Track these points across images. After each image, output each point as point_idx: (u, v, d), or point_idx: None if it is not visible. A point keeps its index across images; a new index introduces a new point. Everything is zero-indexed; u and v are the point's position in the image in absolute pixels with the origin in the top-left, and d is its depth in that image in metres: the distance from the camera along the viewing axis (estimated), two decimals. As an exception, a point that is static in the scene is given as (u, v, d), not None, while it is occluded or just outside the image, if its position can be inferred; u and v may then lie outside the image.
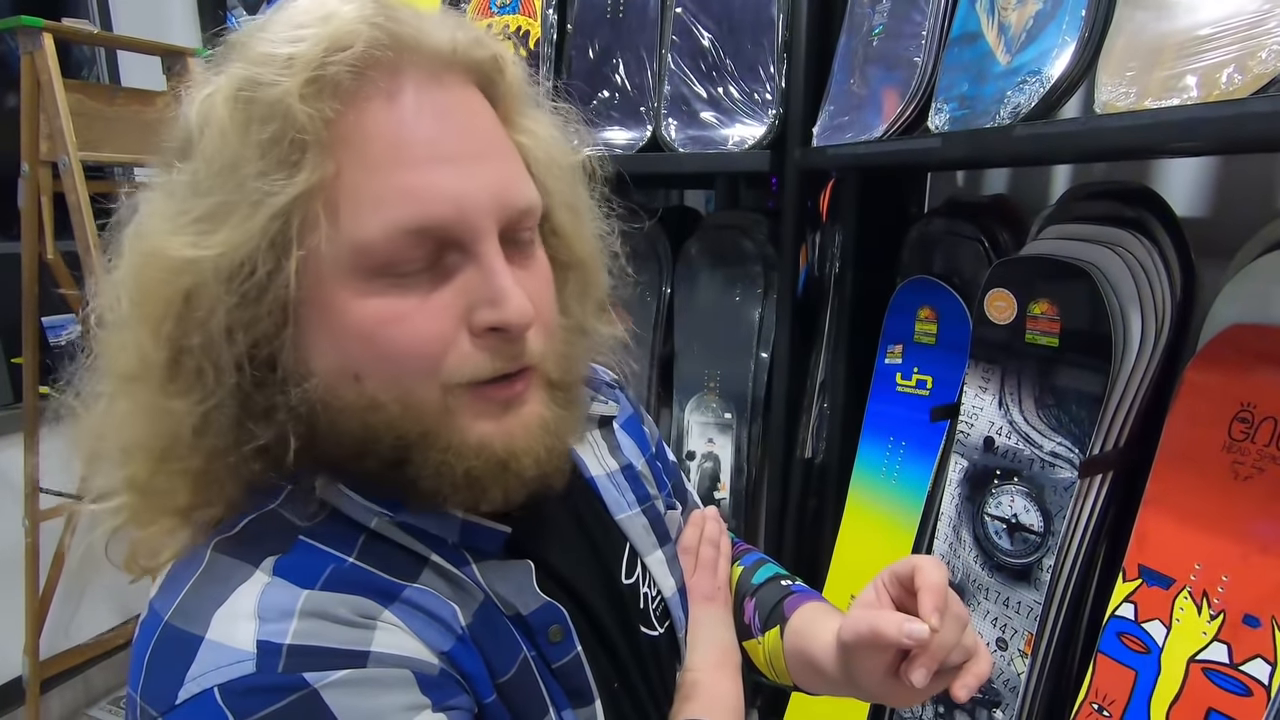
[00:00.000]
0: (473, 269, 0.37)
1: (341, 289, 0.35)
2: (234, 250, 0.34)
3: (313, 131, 0.34)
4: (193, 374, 0.36)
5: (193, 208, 0.35)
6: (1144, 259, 0.93)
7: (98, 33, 1.66)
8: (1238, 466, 0.83)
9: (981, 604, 1.06)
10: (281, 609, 0.34)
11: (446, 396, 0.37)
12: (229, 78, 0.35)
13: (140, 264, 0.36)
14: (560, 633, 0.42)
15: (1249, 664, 0.78)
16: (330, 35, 0.35)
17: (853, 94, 1.19)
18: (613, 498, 0.52)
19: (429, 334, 0.36)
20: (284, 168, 0.34)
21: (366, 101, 0.35)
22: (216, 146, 0.34)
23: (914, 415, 1.23)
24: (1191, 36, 0.74)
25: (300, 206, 0.34)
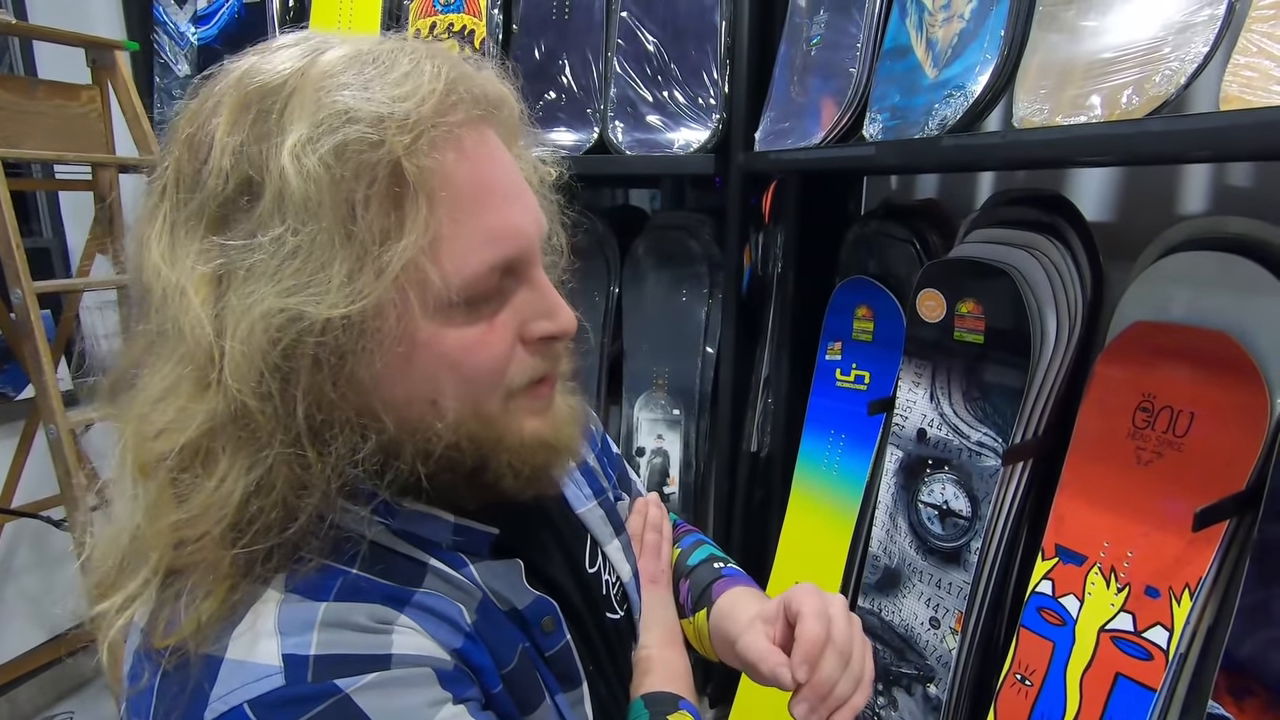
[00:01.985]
0: (525, 289, 0.41)
1: (432, 327, 0.37)
2: (369, 305, 0.35)
3: (414, 186, 0.35)
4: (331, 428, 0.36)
5: (307, 269, 0.34)
6: (1059, 262, 1.00)
7: (15, 22, 1.57)
8: (1140, 452, 0.90)
9: (916, 586, 1.12)
10: (302, 622, 0.35)
11: (507, 402, 0.41)
12: (313, 129, 0.35)
13: (265, 330, 0.34)
14: (552, 623, 0.45)
15: (1150, 631, 0.86)
16: (432, 95, 0.36)
17: (793, 101, 1.24)
18: (572, 492, 0.56)
19: (499, 353, 0.40)
20: (395, 223, 0.35)
21: (443, 154, 0.37)
22: (320, 205, 0.34)
23: (853, 409, 1.29)
24: (1097, 59, 0.80)
25: (413, 261, 0.36)
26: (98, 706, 1.93)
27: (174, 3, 1.90)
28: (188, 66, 1.91)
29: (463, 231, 0.37)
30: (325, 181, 0.34)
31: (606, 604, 0.54)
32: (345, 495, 0.39)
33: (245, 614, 0.36)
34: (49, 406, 1.32)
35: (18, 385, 1.82)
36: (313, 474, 0.36)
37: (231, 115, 0.36)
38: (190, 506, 0.36)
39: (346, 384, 0.36)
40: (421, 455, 0.39)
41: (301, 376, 0.35)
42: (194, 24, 1.87)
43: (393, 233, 0.35)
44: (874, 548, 1.20)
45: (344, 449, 0.37)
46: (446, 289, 0.37)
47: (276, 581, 0.37)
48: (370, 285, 0.35)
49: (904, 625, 1.14)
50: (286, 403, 0.35)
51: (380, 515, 0.41)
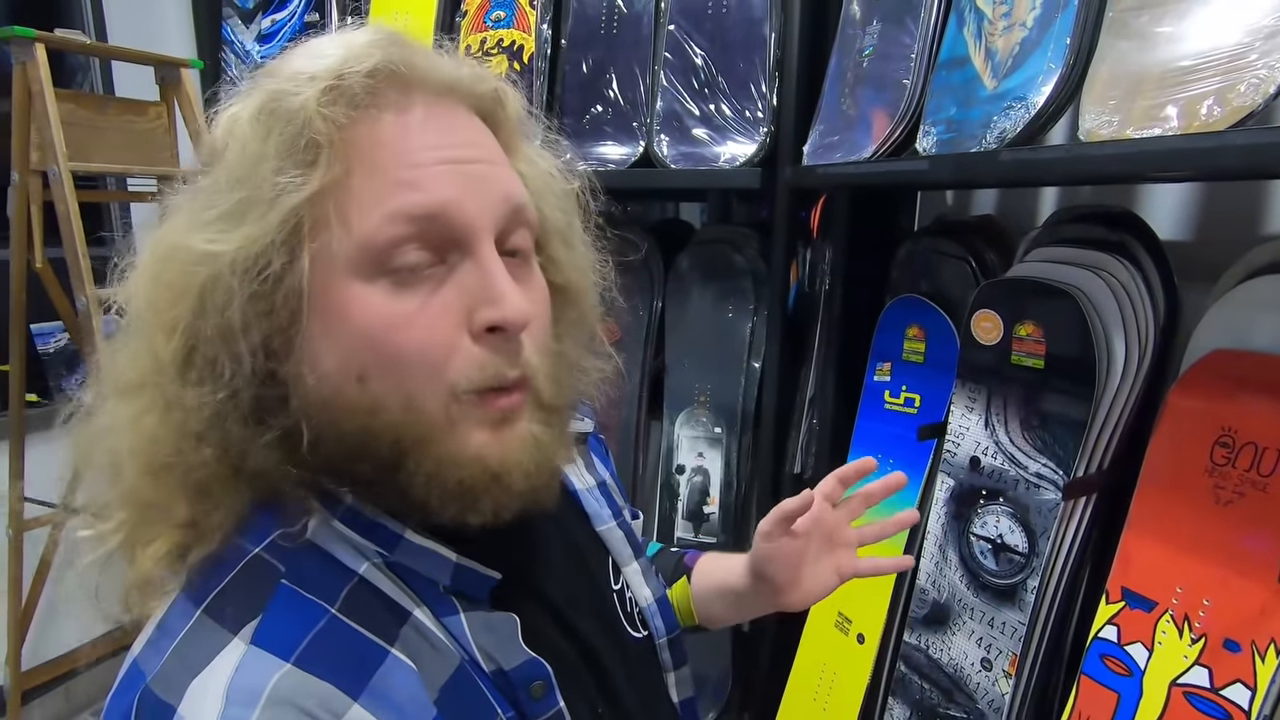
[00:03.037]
0: (471, 269, 0.38)
1: (347, 288, 0.37)
2: (250, 244, 0.35)
3: (326, 135, 0.36)
4: (206, 366, 0.37)
5: (213, 207, 0.37)
6: (1127, 283, 0.94)
7: (91, 43, 1.66)
8: (1219, 491, 0.83)
9: (966, 624, 1.06)
10: (250, 692, 0.34)
11: (451, 404, 0.38)
12: (254, 95, 0.38)
13: (161, 262, 0.37)
14: (542, 689, 0.42)
15: (1229, 688, 0.78)
16: (347, 54, 0.38)
17: (843, 114, 1.20)
18: (594, 510, 0.54)
19: (432, 337, 0.37)
20: (299, 168, 0.36)
21: (379, 114, 0.38)
22: (238, 153, 0.37)
23: (902, 433, 1.24)
24: (1173, 68, 0.75)
25: (313, 205, 0.36)
26: (148, 700, 1.99)
27: (241, 23, 1.98)
28: (251, 83, 1.99)
29: (376, 183, 0.37)
30: (242, 131, 0.37)
31: (630, 622, 0.52)
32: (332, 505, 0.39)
33: (213, 658, 0.35)
34: (108, 409, 1.37)
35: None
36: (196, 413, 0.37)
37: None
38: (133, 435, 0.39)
39: (235, 327, 0.36)
40: (335, 430, 0.38)
41: (183, 313, 0.37)
42: (259, 43, 1.94)
43: (298, 181, 0.36)
44: (922, 580, 1.14)
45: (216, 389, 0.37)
46: (346, 240, 0.36)
47: (246, 631, 0.36)
48: (255, 223, 0.36)
49: (953, 665, 1.07)
50: (173, 340, 0.37)
51: (380, 544, 0.40)
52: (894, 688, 1.16)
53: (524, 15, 1.57)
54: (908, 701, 1.13)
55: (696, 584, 0.66)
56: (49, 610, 1.86)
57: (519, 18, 1.57)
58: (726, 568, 0.66)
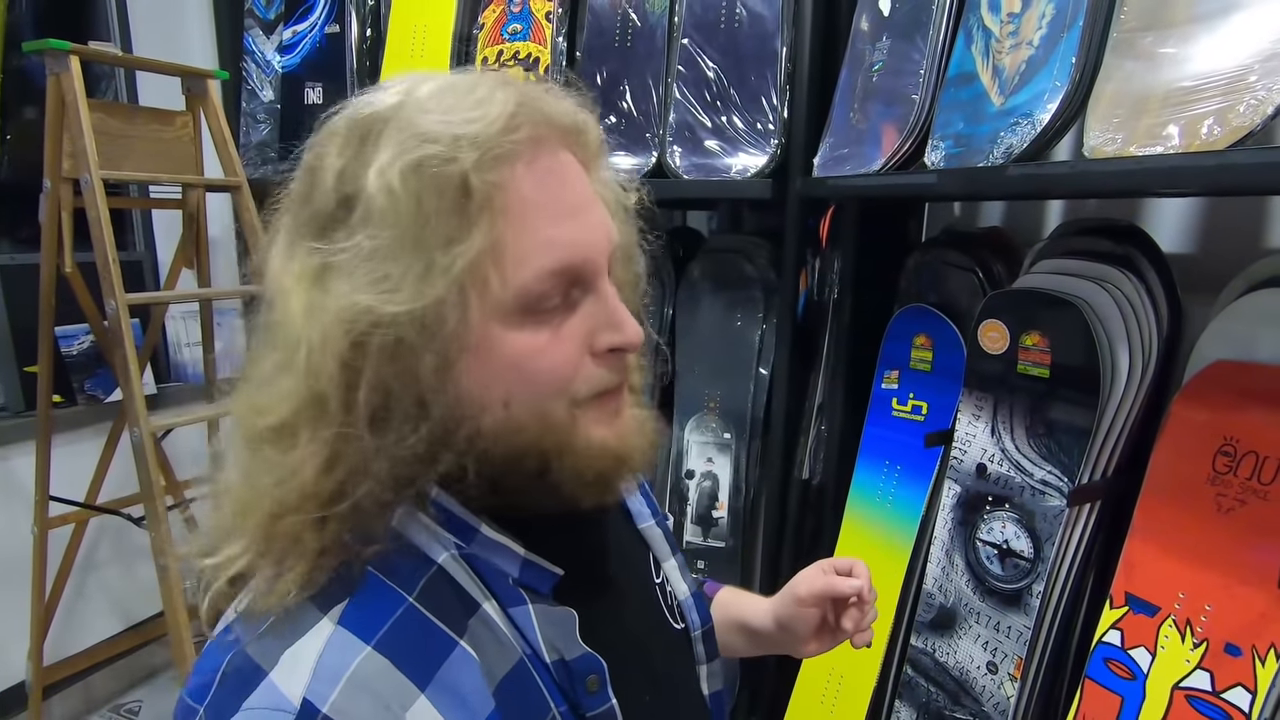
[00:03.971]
0: (592, 301, 0.43)
1: (497, 328, 0.41)
2: (434, 305, 0.39)
3: (482, 198, 0.39)
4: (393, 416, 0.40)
5: (384, 270, 0.39)
6: (1132, 295, 0.96)
7: (122, 55, 1.70)
8: (1221, 499, 0.85)
9: (972, 628, 1.08)
10: (334, 669, 0.38)
11: (573, 410, 0.43)
12: (398, 151, 0.40)
13: (335, 324, 0.39)
14: (597, 683, 0.45)
15: (1230, 692, 0.80)
16: (489, 113, 0.40)
17: (853, 127, 1.23)
18: (637, 509, 0.59)
19: (563, 359, 0.42)
20: (464, 231, 0.39)
21: (514, 166, 0.41)
22: (396, 214, 0.39)
23: (909, 440, 1.26)
24: (1175, 88, 0.77)
25: (475, 264, 0.39)
26: (165, 697, 2.03)
27: (262, 33, 2.02)
28: (271, 93, 2.03)
29: (524, 239, 0.40)
30: (401, 194, 0.39)
31: (671, 614, 0.56)
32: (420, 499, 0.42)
33: (304, 633, 0.39)
34: (134, 411, 1.41)
35: (107, 389, 1.95)
36: (368, 455, 0.40)
37: (340, 143, 0.42)
38: (277, 476, 0.40)
39: (410, 377, 0.40)
40: (485, 453, 0.42)
41: (366, 367, 0.39)
42: (279, 53, 1.98)
43: (458, 239, 0.39)
44: (929, 584, 1.16)
45: (395, 435, 0.40)
46: (504, 291, 0.40)
47: (334, 611, 0.40)
48: (433, 285, 0.39)
49: (959, 668, 1.09)
50: (351, 390, 0.39)
51: (458, 535, 0.44)
52: (900, 691, 1.18)
53: (540, 28, 1.60)
54: (914, 704, 1.15)
55: (715, 614, 0.68)
56: (70, 607, 1.90)
57: (535, 30, 1.61)
58: (750, 607, 0.70)
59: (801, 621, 0.65)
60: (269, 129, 2.04)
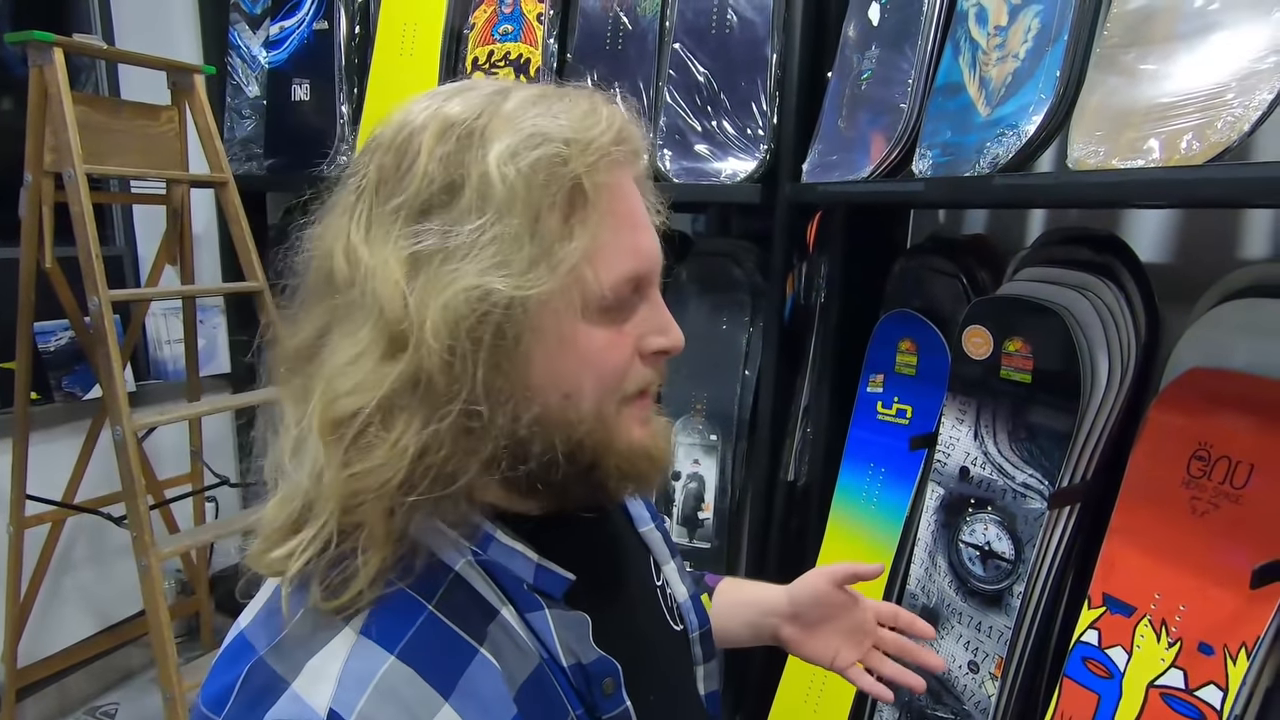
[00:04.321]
0: (645, 306, 0.46)
1: (578, 322, 0.43)
2: (545, 294, 0.40)
3: (593, 203, 0.42)
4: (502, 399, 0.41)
5: (503, 254, 0.40)
6: (1111, 303, 0.98)
7: (108, 48, 1.67)
8: (1195, 502, 0.88)
9: (954, 628, 1.10)
10: (360, 677, 0.38)
11: (621, 407, 0.45)
12: (516, 145, 0.41)
13: (463, 304, 0.39)
14: (613, 685, 0.46)
15: (1203, 690, 0.83)
16: (612, 129, 0.43)
17: (841, 134, 1.25)
18: (637, 513, 0.60)
19: (624, 358, 0.45)
20: (572, 229, 0.41)
21: (611, 179, 0.44)
22: (515, 204, 0.40)
23: (894, 443, 1.28)
24: (1156, 104, 0.80)
25: (582, 260, 0.41)
26: (142, 700, 1.99)
27: (248, 28, 2.00)
28: (258, 88, 2.01)
29: (614, 244, 0.43)
30: (521, 187, 0.40)
31: (671, 616, 0.57)
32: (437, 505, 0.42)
33: (327, 643, 0.39)
34: (116, 408, 1.39)
35: (85, 386, 1.92)
36: (477, 435, 0.40)
37: (436, 133, 0.42)
38: (371, 459, 0.39)
39: (517, 360, 0.41)
40: (551, 444, 0.43)
41: (484, 346, 0.40)
42: (266, 48, 1.97)
43: (566, 236, 0.41)
44: (912, 585, 1.18)
45: (506, 418, 0.41)
46: (598, 290, 0.42)
47: (356, 621, 0.40)
48: (547, 275, 0.40)
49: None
50: (467, 368, 0.39)
51: (473, 542, 0.44)
52: (884, 690, 1.20)
53: (531, 29, 1.61)
54: (897, 703, 1.17)
55: (718, 600, 0.70)
56: (46, 607, 1.87)
57: (526, 31, 1.61)
58: (760, 587, 0.71)
59: (816, 602, 0.66)
60: (254, 125, 2.02)
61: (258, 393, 0.49)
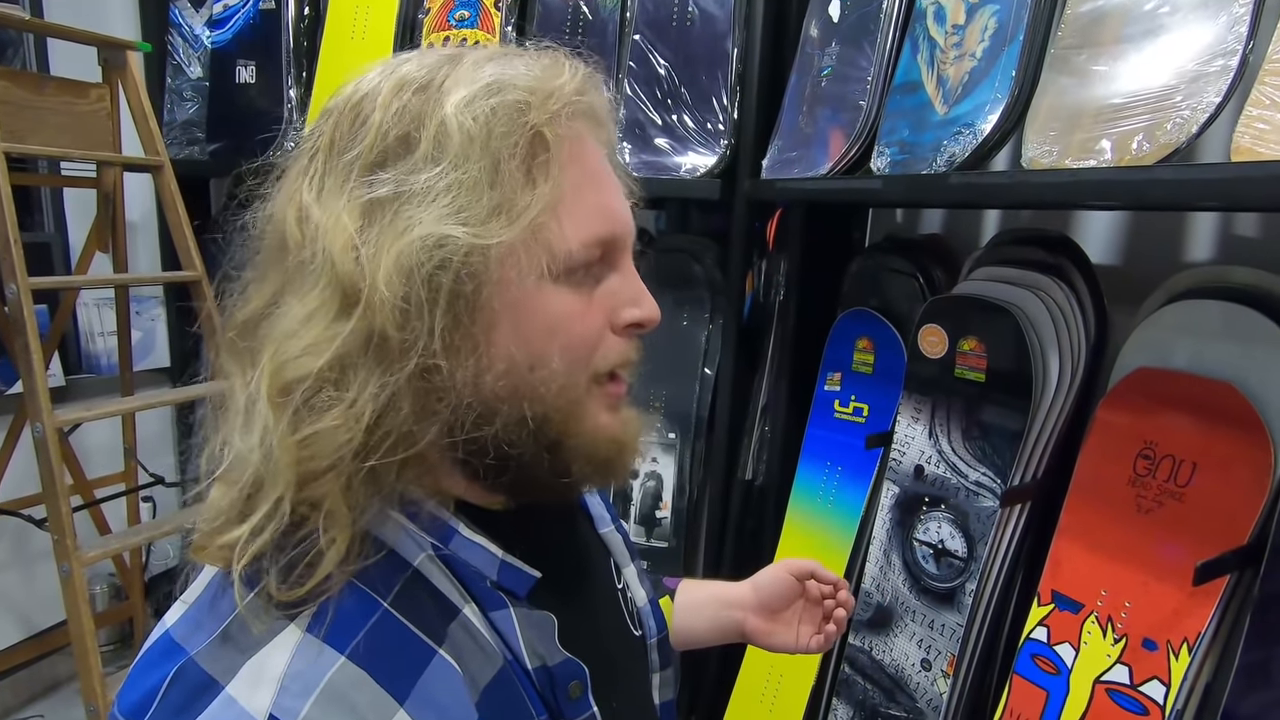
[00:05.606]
0: (616, 276, 0.43)
1: (541, 285, 0.40)
2: (506, 245, 0.39)
3: (555, 154, 0.40)
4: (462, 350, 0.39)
5: (460, 202, 0.38)
6: (1063, 303, 0.99)
7: (29, 19, 1.57)
8: (1140, 500, 0.89)
9: (908, 626, 1.10)
10: (305, 680, 0.34)
11: (591, 386, 0.43)
12: (474, 92, 0.39)
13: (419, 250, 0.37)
14: (579, 689, 0.43)
15: (1147, 685, 0.84)
16: (575, 80, 0.42)
17: (801, 131, 1.24)
18: (598, 513, 0.57)
19: (595, 328, 0.42)
20: (533, 180, 0.39)
21: (579, 133, 0.42)
22: (473, 152, 0.38)
23: (850, 441, 1.28)
24: (1107, 104, 0.80)
25: (542, 214, 0.39)
26: (68, 710, 1.89)
27: (190, 6, 1.91)
28: (200, 69, 1.92)
29: (580, 201, 0.41)
30: (481, 134, 0.38)
31: (631, 620, 0.55)
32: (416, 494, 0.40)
33: (267, 642, 0.35)
34: (36, 404, 1.31)
35: (8, 379, 1.80)
36: (437, 393, 0.38)
37: (392, 89, 0.40)
38: (324, 421, 0.37)
39: (480, 317, 0.39)
40: (518, 415, 0.40)
41: (442, 295, 0.37)
42: (209, 27, 1.88)
43: (528, 187, 0.39)
44: (866, 583, 1.18)
45: (467, 375, 0.39)
46: (561, 247, 0.40)
47: (302, 618, 0.36)
48: (508, 225, 0.38)
49: (894, 665, 1.11)
50: (424, 320, 0.37)
51: (435, 536, 0.41)
52: (838, 688, 1.20)
53: (488, 16, 1.57)
54: (851, 701, 1.17)
55: (681, 599, 0.69)
56: (-39, 615, 1.75)
57: (483, 18, 1.57)
58: (715, 584, 0.72)
59: (783, 586, 0.67)
60: (196, 107, 1.93)
61: (195, 387, 0.47)
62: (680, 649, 0.67)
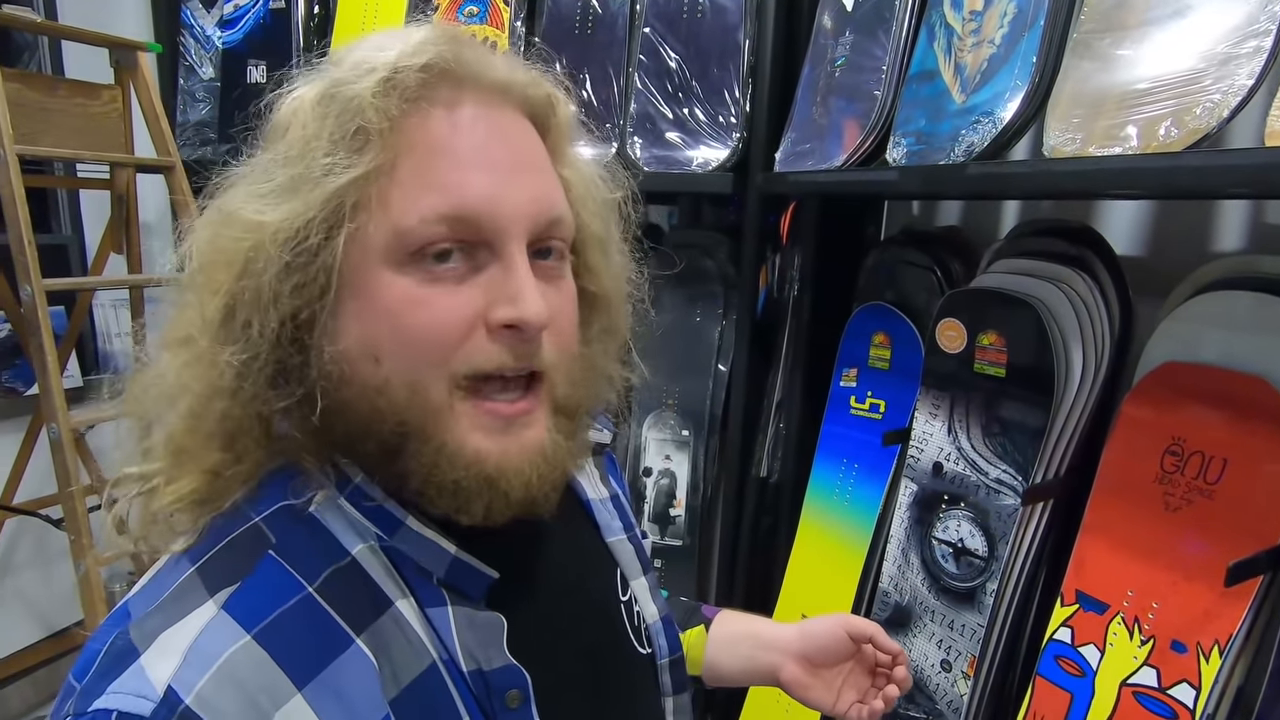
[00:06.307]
0: (498, 269, 0.39)
1: (379, 270, 0.38)
2: (294, 218, 0.38)
3: (377, 125, 0.38)
4: (240, 327, 0.39)
5: (266, 181, 0.39)
6: (1086, 296, 0.97)
7: (42, 21, 1.58)
8: (1168, 498, 0.87)
9: (927, 626, 1.08)
10: (207, 655, 0.35)
11: (452, 391, 0.39)
12: (318, 82, 0.41)
13: (214, 227, 0.40)
14: (518, 698, 0.41)
15: (1175, 688, 0.81)
16: (404, 48, 0.40)
17: (815, 122, 1.22)
18: (605, 522, 0.54)
19: (447, 320, 0.38)
20: (349, 153, 0.38)
21: (430, 108, 0.39)
22: (296, 134, 0.39)
23: (867, 438, 1.26)
24: (1132, 90, 0.78)
25: (356, 188, 0.38)
26: (89, 708, 1.91)
27: (201, 6, 1.91)
28: (212, 70, 1.92)
29: (421, 178, 0.39)
30: (303, 116, 0.39)
31: (636, 636, 0.52)
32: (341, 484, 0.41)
33: (186, 615, 0.36)
34: (51, 406, 1.31)
35: (27, 381, 1.82)
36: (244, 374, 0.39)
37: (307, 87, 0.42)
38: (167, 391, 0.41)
39: (271, 298, 0.38)
40: (347, 406, 0.39)
41: (246, 279, 0.38)
42: (220, 28, 1.88)
43: (342, 162, 0.38)
44: (884, 583, 1.16)
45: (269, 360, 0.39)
46: (384, 225, 0.38)
47: (221, 594, 0.37)
48: (305, 201, 0.38)
49: (913, 666, 1.09)
50: (230, 304, 0.39)
51: (381, 527, 0.40)
52: (855, 689, 1.18)
53: (498, 11, 1.55)
54: (869, 703, 1.15)
55: (717, 631, 0.66)
56: (-16, 614, 1.78)
57: (492, 13, 1.56)
58: (757, 620, 0.68)
59: (835, 642, 0.63)
60: (208, 108, 1.93)
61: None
62: (709, 685, 0.65)
